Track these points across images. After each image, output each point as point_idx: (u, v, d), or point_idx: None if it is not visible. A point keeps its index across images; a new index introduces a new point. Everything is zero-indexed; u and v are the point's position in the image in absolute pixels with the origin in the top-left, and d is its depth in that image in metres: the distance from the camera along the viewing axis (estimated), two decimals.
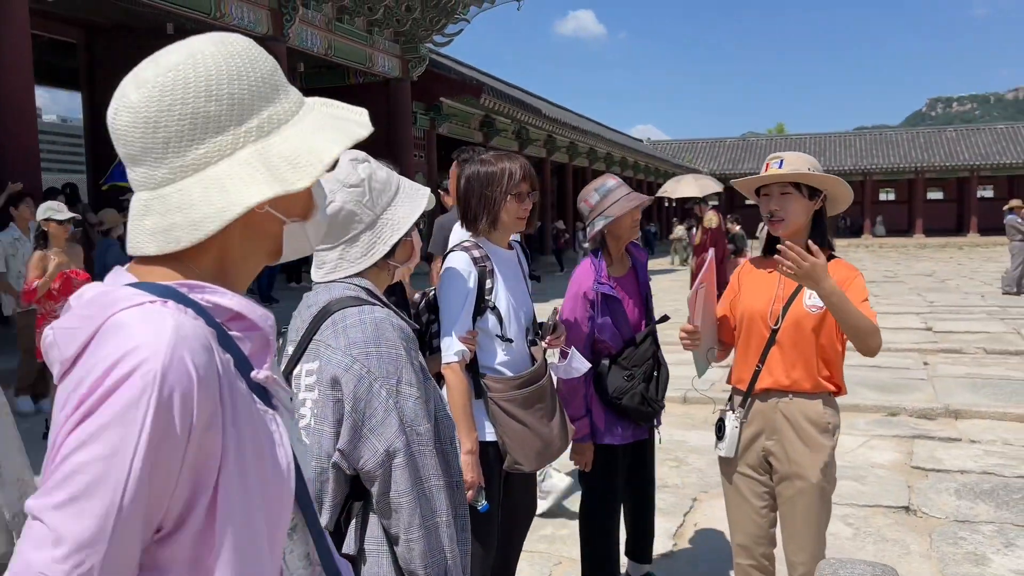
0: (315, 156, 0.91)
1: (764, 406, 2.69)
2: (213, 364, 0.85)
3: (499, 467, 2.62)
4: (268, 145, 0.92)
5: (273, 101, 0.95)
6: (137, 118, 0.89)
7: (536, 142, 27.21)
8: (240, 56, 0.93)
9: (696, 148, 54.90)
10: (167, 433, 0.81)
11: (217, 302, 0.91)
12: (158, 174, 0.90)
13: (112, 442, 0.79)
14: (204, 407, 0.84)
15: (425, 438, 1.58)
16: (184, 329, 0.84)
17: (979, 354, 8.88)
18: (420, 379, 1.62)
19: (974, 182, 45.27)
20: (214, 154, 0.90)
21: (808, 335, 2.59)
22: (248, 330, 0.94)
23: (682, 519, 4.44)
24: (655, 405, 3.17)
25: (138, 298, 0.86)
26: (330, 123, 0.96)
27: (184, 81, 0.89)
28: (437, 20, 18.07)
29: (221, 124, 0.90)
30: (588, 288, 3.10)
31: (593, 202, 3.09)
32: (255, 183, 0.89)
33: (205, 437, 0.84)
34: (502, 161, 2.58)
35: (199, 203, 0.89)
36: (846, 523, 4.32)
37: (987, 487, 4.83)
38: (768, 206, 2.61)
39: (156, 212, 0.90)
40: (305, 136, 0.93)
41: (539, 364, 2.68)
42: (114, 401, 0.80)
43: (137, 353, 0.81)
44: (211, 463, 0.85)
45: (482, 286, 2.57)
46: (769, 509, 2.74)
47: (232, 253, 0.96)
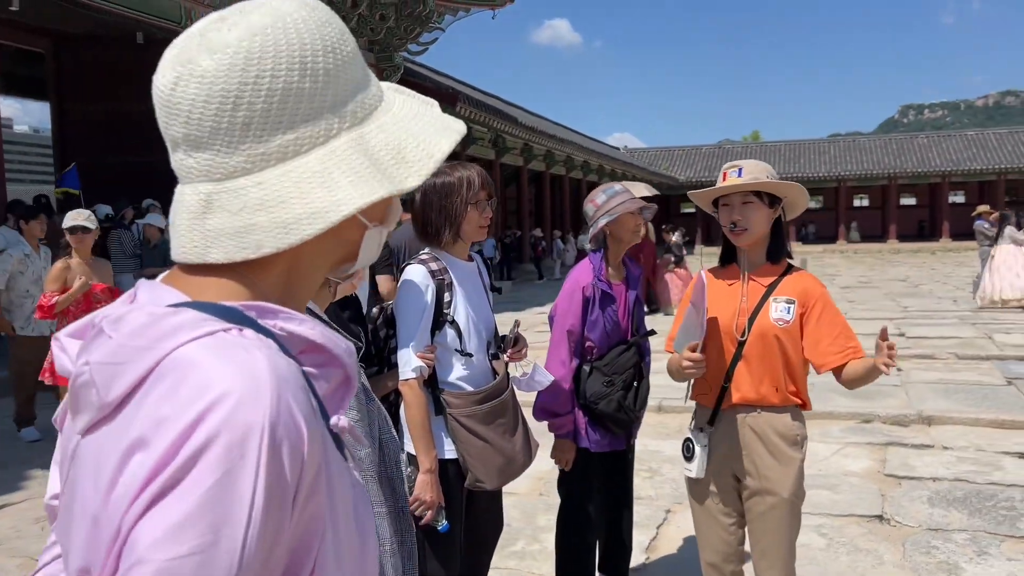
0: (424, 150, 0.77)
1: (733, 421, 2.63)
2: (312, 410, 0.68)
3: (460, 485, 2.55)
4: (365, 134, 0.76)
5: (363, 83, 0.78)
6: (212, 91, 0.71)
7: (513, 150, 27.19)
8: (331, 25, 0.76)
9: (672, 156, 55.18)
10: (279, 501, 0.63)
11: (293, 330, 0.73)
12: (230, 162, 0.72)
13: (212, 527, 0.60)
14: (312, 464, 0.66)
15: (365, 463, 1.51)
16: (281, 369, 0.66)
17: (951, 359, 8.92)
18: (361, 401, 1.54)
19: (946, 188, 45.86)
20: (305, 142, 0.73)
21: (775, 349, 2.54)
22: (325, 365, 0.76)
23: (655, 532, 4.38)
24: (631, 414, 3.12)
25: (206, 325, 0.67)
26: (423, 112, 0.81)
27: (275, 49, 0.71)
28: (411, 29, 18.02)
29: (315, 105, 0.73)
30: (587, 284, 3.09)
31: (600, 202, 3.10)
32: (362, 180, 0.73)
33: (311, 500, 0.67)
34: (458, 171, 2.52)
35: (292, 201, 0.72)
36: (819, 533, 4.29)
37: (960, 494, 4.82)
38: (730, 216, 2.56)
39: (225, 209, 0.72)
40: (403, 125, 0.78)
41: (500, 378, 2.61)
42: (207, 468, 0.60)
43: (229, 401, 0.62)
44: (311, 537, 0.68)
45: (440, 300, 2.50)
46: (737, 526, 2.69)
47: (303, 264, 0.78)
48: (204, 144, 0.73)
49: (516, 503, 4.81)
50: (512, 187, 30.84)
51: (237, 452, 0.61)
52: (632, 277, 3.26)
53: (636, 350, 3.15)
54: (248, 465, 0.61)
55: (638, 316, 3.26)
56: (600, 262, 3.15)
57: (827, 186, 48.75)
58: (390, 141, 0.77)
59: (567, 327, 3.08)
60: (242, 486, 0.61)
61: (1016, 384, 7.60)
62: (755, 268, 2.63)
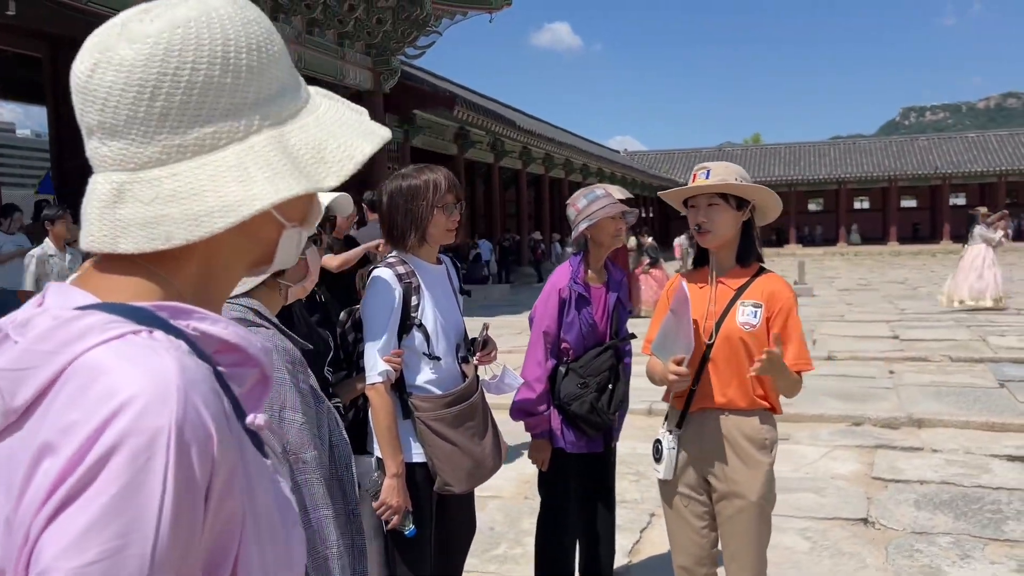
0: (344, 151, 0.77)
1: (701, 424, 2.63)
2: (223, 411, 0.67)
3: (429, 489, 2.54)
4: (286, 133, 0.76)
5: (289, 83, 0.79)
6: (130, 80, 0.70)
7: (512, 154, 27.21)
8: (257, 23, 0.76)
9: (673, 159, 55.22)
10: (189, 505, 0.63)
11: (206, 330, 0.72)
12: (145, 152, 0.72)
13: (120, 532, 0.59)
14: (223, 466, 0.66)
15: (311, 466, 1.50)
16: (190, 371, 0.65)
17: (944, 362, 8.90)
18: (308, 403, 1.54)
19: (946, 190, 45.84)
20: (223, 136, 0.73)
21: (741, 352, 2.53)
22: (240, 365, 0.76)
23: (639, 535, 4.37)
24: (604, 416, 3.12)
25: (114, 327, 0.66)
26: (348, 116, 0.81)
27: (197, 42, 0.71)
28: (409, 32, 18.05)
29: (236, 101, 0.73)
30: (563, 286, 3.11)
31: (580, 206, 3.12)
32: (279, 176, 0.73)
33: (225, 503, 0.66)
34: (424, 173, 2.51)
35: (205, 193, 0.71)
36: (804, 536, 4.27)
37: (946, 497, 4.80)
38: (696, 218, 2.55)
39: (137, 200, 0.71)
40: (326, 127, 0.78)
41: (469, 381, 2.60)
42: (114, 474, 0.59)
43: (135, 405, 0.61)
44: (228, 538, 0.68)
45: (407, 303, 2.49)
46: (709, 529, 2.68)
47: (218, 262, 0.78)
48: (119, 133, 0.72)
49: (500, 506, 4.81)
50: (511, 190, 30.88)
51: (144, 456, 0.60)
52: (614, 280, 3.26)
53: (613, 353, 3.15)
54: (156, 469, 0.61)
55: (618, 319, 3.25)
56: (579, 265, 3.16)
57: (828, 188, 48.77)
58: (311, 141, 0.77)
59: (543, 328, 3.10)
60: (150, 490, 0.60)
61: (1008, 387, 7.58)
62: (725, 271, 2.63)
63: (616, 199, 3.16)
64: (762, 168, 49.18)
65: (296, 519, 0.78)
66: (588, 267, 3.19)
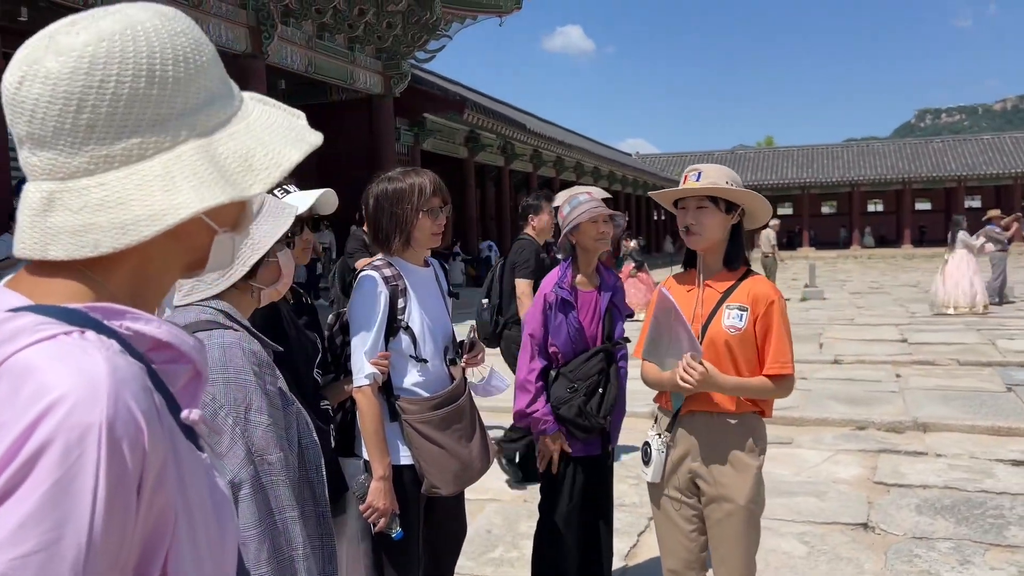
0: (271, 159, 0.79)
1: (689, 427, 2.63)
2: (154, 407, 0.70)
3: (417, 491, 2.55)
4: (214, 141, 0.78)
5: (218, 92, 0.81)
6: (56, 92, 0.72)
7: (522, 157, 27.24)
8: (185, 35, 0.78)
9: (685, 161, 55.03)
10: (122, 499, 0.65)
11: (139, 329, 0.75)
12: (73, 162, 0.73)
13: (54, 525, 0.61)
14: (155, 460, 0.68)
15: (276, 468, 1.52)
16: (120, 369, 0.67)
17: (952, 366, 8.83)
18: (276, 405, 1.55)
19: (961, 192, 45.48)
20: (150, 146, 0.75)
21: (726, 356, 2.53)
22: (173, 362, 0.79)
23: (636, 539, 4.36)
24: (592, 420, 3.12)
25: (45, 328, 0.68)
26: (280, 122, 0.84)
27: (122, 55, 0.73)
28: (419, 36, 18.11)
29: (162, 112, 0.75)
30: (548, 290, 3.14)
31: (564, 212, 3.15)
32: (204, 184, 0.75)
33: (157, 496, 0.69)
34: (410, 177, 2.52)
35: (132, 202, 0.73)
36: (802, 541, 4.26)
37: (948, 502, 4.77)
38: (684, 219, 2.56)
39: (67, 208, 0.73)
40: (256, 134, 0.80)
41: (457, 383, 2.61)
42: (46, 470, 0.62)
43: (65, 404, 0.63)
44: (161, 530, 0.70)
45: (394, 306, 2.50)
46: (699, 533, 2.68)
47: (150, 266, 0.80)
48: (47, 143, 0.74)
49: (499, 509, 4.82)
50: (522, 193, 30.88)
51: (75, 452, 0.63)
52: (606, 284, 3.26)
53: (604, 357, 3.15)
54: (87, 464, 0.63)
55: (611, 323, 3.25)
56: (566, 270, 3.17)
57: (841, 191, 48.51)
58: (239, 149, 0.79)
59: (529, 331, 3.14)
60: (82, 484, 0.63)
61: (1016, 391, 7.51)
62: (712, 274, 2.63)
63: (601, 203, 3.17)
64: (775, 171, 48.99)
65: (231, 513, 0.81)
66: (578, 271, 3.20)
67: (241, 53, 13.15)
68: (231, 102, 0.83)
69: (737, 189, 2.53)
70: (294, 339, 2.28)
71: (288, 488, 1.52)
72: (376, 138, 17.70)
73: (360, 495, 2.45)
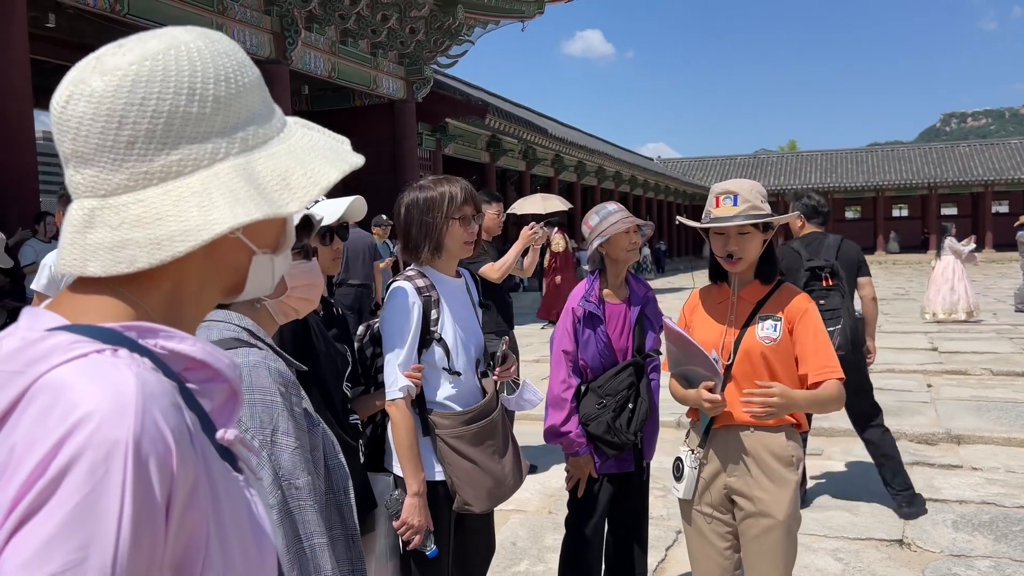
0: (309, 178, 0.79)
1: (724, 441, 2.56)
2: (185, 425, 0.69)
3: (448, 508, 2.50)
4: (253, 160, 0.78)
5: (260, 113, 0.82)
6: (99, 110, 0.73)
7: (544, 161, 27.19)
8: (229, 56, 0.79)
9: (707, 166, 54.79)
10: (149, 518, 0.64)
11: (174, 348, 0.75)
12: (114, 179, 0.74)
13: (80, 545, 0.60)
14: (184, 479, 0.67)
15: (304, 492, 1.47)
16: (150, 385, 0.67)
17: (985, 375, 8.66)
18: (301, 427, 1.51)
19: (988, 197, 44.87)
20: (189, 163, 0.75)
21: (762, 368, 2.46)
22: (209, 381, 0.78)
23: (664, 553, 4.28)
24: (622, 436, 3.04)
25: (79, 347, 0.68)
26: (322, 144, 0.84)
27: (164, 73, 0.74)
28: (441, 42, 18.13)
29: (202, 130, 0.76)
30: (576, 304, 3.07)
31: (593, 223, 3.09)
32: (239, 201, 0.75)
33: (187, 517, 0.68)
34: (442, 185, 2.48)
35: (168, 218, 0.73)
36: (835, 557, 4.16)
37: (986, 518, 4.64)
38: (725, 247, 2.48)
39: (106, 225, 0.74)
40: (296, 154, 0.81)
41: (489, 397, 2.56)
42: (72, 488, 0.61)
43: (92, 420, 0.63)
44: (193, 551, 0.69)
45: (427, 317, 2.46)
46: (733, 550, 2.61)
47: (188, 286, 0.80)
48: (90, 161, 0.75)
49: (524, 521, 4.75)
50: None
51: (102, 470, 0.62)
52: (636, 296, 3.19)
53: (634, 370, 3.07)
54: (113, 482, 0.63)
55: (642, 335, 3.17)
56: (594, 283, 3.10)
57: (865, 196, 48.04)
58: (277, 168, 0.80)
59: (562, 348, 3.06)
60: (108, 503, 0.62)
61: None
62: (744, 286, 2.57)
63: (629, 214, 3.09)
64: (798, 176, 48.58)
65: (269, 534, 0.80)
66: (606, 284, 3.13)
67: (265, 59, 13.21)
68: (272, 123, 0.84)
69: (785, 217, 2.48)
70: (323, 353, 2.23)
71: (316, 513, 1.47)
72: (398, 143, 17.72)
73: (393, 512, 2.40)
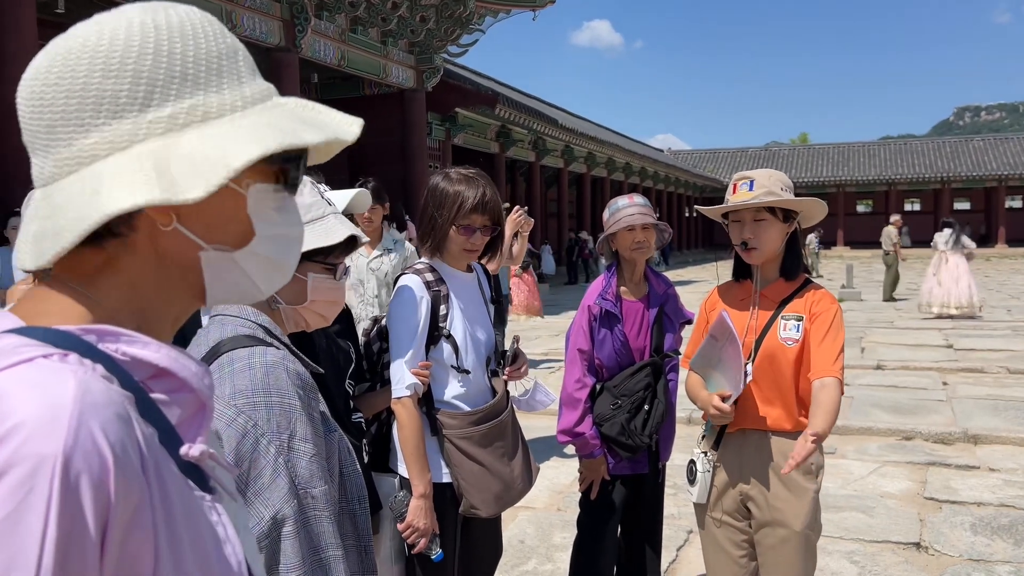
0: (222, 157, 0.68)
1: (741, 446, 2.46)
2: (133, 439, 0.63)
3: (455, 511, 2.41)
4: (178, 142, 0.69)
5: (205, 87, 0.72)
6: (31, 92, 0.70)
7: (554, 152, 27.02)
8: (171, 28, 0.71)
9: (718, 158, 54.46)
10: (78, 542, 0.58)
11: (136, 354, 0.68)
12: (47, 167, 0.70)
13: (1, 569, 0.56)
14: (125, 499, 0.61)
15: (321, 502, 1.38)
16: (92, 394, 0.61)
17: (1002, 374, 8.52)
18: (319, 432, 1.42)
19: (1002, 192, 44.45)
20: (104, 146, 0.68)
21: (784, 370, 2.36)
22: (175, 391, 0.71)
23: (675, 554, 4.20)
24: (636, 438, 2.94)
25: (24, 351, 0.63)
26: (282, 121, 0.72)
27: (80, 49, 0.69)
28: (452, 31, 17.98)
29: (119, 107, 0.68)
30: (592, 301, 2.96)
31: (604, 218, 3.02)
32: (128, 185, 0.67)
33: (129, 540, 0.62)
34: (462, 184, 2.36)
35: (68, 206, 0.68)
36: (851, 560, 4.06)
37: (1006, 521, 4.53)
38: (741, 234, 2.37)
39: (40, 216, 0.70)
40: (232, 134, 0.70)
41: (499, 397, 2.46)
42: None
43: (20, 432, 0.57)
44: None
45: (436, 313, 2.36)
46: (749, 558, 2.51)
47: (146, 287, 0.73)
48: (33, 148, 0.72)
49: (532, 518, 4.67)
50: (553, 189, 30.70)
51: (26, 487, 0.56)
52: (655, 294, 3.07)
53: (651, 371, 2.96)
54: (37, 501, 0.56)
55: (660, 334, 3.06)
56: (610, 279, 2.99)
57: (877, 190, 47.66)
58: (199, 148, 0.69)
59: (577, 346, 2.95)
60: (31, 524, 0.56)
61: None
62: (768, 284, 2.46)
63: (641, 209, 2.92)
64: (809, 169, 48.23)
65: (234, 561, 0.71)
66: (623, 281, 3.01)
67: (274, 46, 13.13)
68: (223, 100, 0.73)
69: (797, 200, 2.35)
70: (324, 350, 2.15)
71: (331, 523, 1.39)
72: (408, 132, 17.62)
73: (398, 514, 2.31)
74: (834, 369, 2.29)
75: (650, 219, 2.91)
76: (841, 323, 2.39)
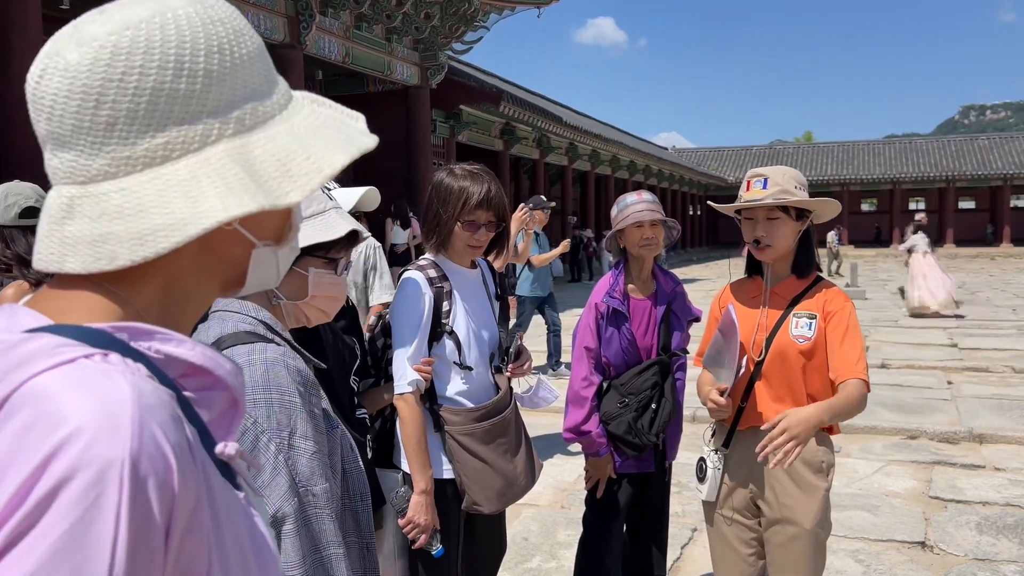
0: (313, 164, 0.69)
1: (750, 444, 2.44)
2: (186, 440, 0.62)
3: (458, 507, 2.41)
4: (250, 143, 0.69)
5: (260, 89, 0.72)
6: (74, 86, 0.65)
7: (558, 150, 26.99)
8: (224, 24, 0.70)
9: (722, 156, 54.38)
10: (147, 545, 0.57)
11: (170, 352, 0.67)
12: (94, 165, 0.66)
13: (71, 575, 0.54)
14: (186, 501, 0.61)
15: (322, 500, 1.37)
16: (145, 396, 0.60)
17: (1007, 373, 8.49)
18: (320, 429, 1.41)
19: (1007, 191, 44.32)
20: (176, 147, 0.67)
21: (795, 368, 2.34)
22: (207, 389, 0.70)
23: (680, 552, 4.18)
24: (643, 438, 2.93)
25: (64, 351, 0.60)
26: (331, 123, 0.74)
27: (147, 45, 0.66)
28: (456, 27, 17.97)
29: (191, 109, 0.67)
30: (599, 299, 2.94)
31: (613, 214, 3.00)
32: (232, 192, 0.66)
33: (187, 541, 0.61)
34: (466, 180, 2.35)
35: (152, 210, 0.65)
36: (856, 559, 4.04)
37: (1011, 521, 4.51)
38: (753, 232, 2.35)
39: (85, 215, 0.66)
40: (299, 136, 0.71)
41: (502, 394, 2.45)
42: (60, 513, 0.54)
43: (82, 437, 0.56)
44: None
45: (438, 309, 2.35)
46: (757, 557, 2.50)
47: (182, 283, 0.72)
48: (68, 143, 0.67)
49: (536, 515, 4.66)
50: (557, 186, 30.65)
51: (94, 492, 0.55)
52: (663, 292, 3.05)
53: (658, 369, 2.94)
54: (107, 506, 0.55)
55: (668, 332, 3.04)
56: (618, 276, 2.97)
57: (882, 188, 47.56)
58: (277, 152, 0.70)
59: (584, 344, 2.93)
60: (102, 529, 0.55)
61: None
62: (779, 281, 2.44)
63: (649, 206, 2.90)
64: (814, 167, 48.13)
65: (273, 555, 0.72)
66: (631, 278, 2.99)
67: (279, 43, 13.12)
68: (274, 100, 0.74)
69: (810, 200, 2.34)
70: (330, 346, 2.14)
71: (333, 522, 1.37)
72: (412, 129, 17.61)
73: (400, 509, 2.30)
74: (858, 369, 2.28)
75: (659, 215, 2.90)
76: (857, 321, 2.38)
